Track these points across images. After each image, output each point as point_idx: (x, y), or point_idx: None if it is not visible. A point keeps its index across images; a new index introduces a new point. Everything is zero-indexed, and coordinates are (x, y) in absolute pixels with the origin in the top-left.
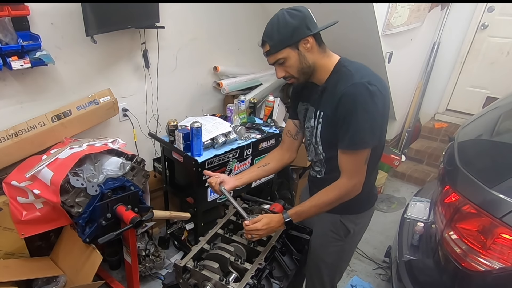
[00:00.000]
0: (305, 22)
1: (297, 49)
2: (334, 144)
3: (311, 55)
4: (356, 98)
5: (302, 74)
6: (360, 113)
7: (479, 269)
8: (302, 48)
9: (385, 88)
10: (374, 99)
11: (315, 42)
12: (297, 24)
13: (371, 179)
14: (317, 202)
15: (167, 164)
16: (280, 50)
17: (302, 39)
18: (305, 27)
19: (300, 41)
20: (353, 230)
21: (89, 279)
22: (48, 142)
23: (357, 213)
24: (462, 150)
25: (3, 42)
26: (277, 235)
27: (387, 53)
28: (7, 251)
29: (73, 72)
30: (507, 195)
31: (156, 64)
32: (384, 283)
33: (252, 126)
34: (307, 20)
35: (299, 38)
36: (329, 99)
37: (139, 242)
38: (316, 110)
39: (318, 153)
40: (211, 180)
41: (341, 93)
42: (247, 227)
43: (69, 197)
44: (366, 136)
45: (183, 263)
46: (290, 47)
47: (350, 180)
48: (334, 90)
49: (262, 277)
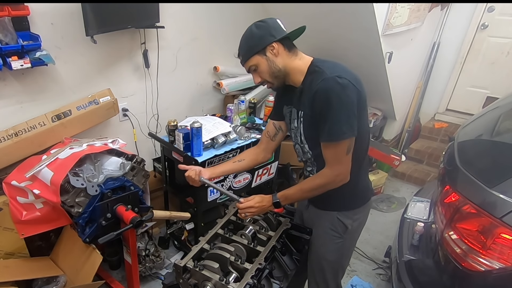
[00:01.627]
0: (269, 31)
1: (265, 55)
2: (318, 141)
3: (279, 59)
4: (329, 92)
5: (275, 78)
6: (334, 105)
7: (479, 269)
8: (269, 54)
9: (357, 81)
10: (346, 91)
11: (282, 47)
12: (261, 34)
13: (361, 173)
14: (302, 186)
15: (167, 164)
16: (250, 58)
17: (267, 46)
18: (269, 35)
19: (266, 48)
20: (350, 226)
21: (89, 279)
22: (48, 142)
23: (353, 208)
24: (462, 150)
25: (3, 42)
26: (277, 235)
27: (387, 53)
28: (7, 251)
29: (73, 72)
30: (507, 195)
31: (156, 64)
32: (384, 283)
33: (252, 126)
34: (271, 29)
35: (264, 45)
36: (306, 98)
37: (139, 242)
38: (297, 111)
39: (305, 151)
40: (189, 173)
41: (314, 90)
42: (242, 205)
43: (69, 197)
44: (343, 127)
45: (183, 263)
46: (258, 54)
47: (333, 170)
48: (309, 89)
49: (262, 277)
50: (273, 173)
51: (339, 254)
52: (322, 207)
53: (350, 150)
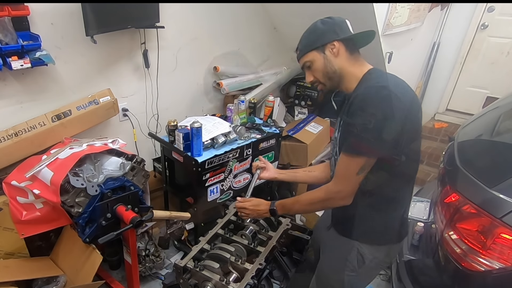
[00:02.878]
0: (334, 28)
1: (323, 53)
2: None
3: (337, 60)
4: (365, 100)
5: (328, 79)
6: (364, 116)
7: (479, 269)
8: (329, 52)
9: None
10: (385, 103)
11: (343, 47)
12: (325, 29)
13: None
14: (300, 198)
15: (167, 164)
16: (307, 53)
17: (328, 43)
18: (333, 32)
19: (327, 45)
20: (369, 262)
21: (89, 279)
22: (48, 142)
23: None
24: (462, 150)
25: (3, 42)
26: (278, 235)
27: (387, 53)
28: (7, 251)
29: (73, 72)
30: (507, 195)
31: (156, 64)
32: (384, 283)
33: (252, 126)
34: (336, 26)
35: (324, 42)
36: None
37: (139, 242)
38: (340, 120)
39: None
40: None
41: (354, 96)
42: (238, 204)
43: (69, 197)
44: (365, 141)
45: (184, 263)
46: (316, 50)
47: (336, 185)
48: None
49: (262, 277)
50: None
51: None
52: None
53: (363, 171)
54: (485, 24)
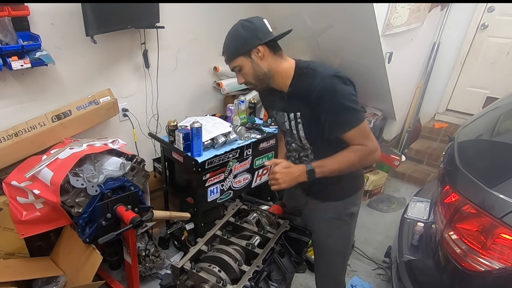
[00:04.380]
0: (255, 33)
1: (250, 57)
2: (321, 137)
3: (264, 62)
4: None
5: (258, 80)
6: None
7: (479, 269)
8: (255, 56)
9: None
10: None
11: (268, 50)
12: (247, 35)
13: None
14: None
15: (167, 164)
16: (234, 59)
17: (253, 49)
18: (255, 38)
19: (252, 50)
20: (355, 211)
21: (89, 279)
22: (48, 142)
23: (354, 193)
24: (462, 150)
25: (3, 42)
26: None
27: (387, 53)
28: (7, 251)
29: (73, 72)
30: (507, 195)
31: (156, 64)
32: (384, 283)
33: (252, 126)
34: (258, 31)
35: (249, 47)
36: (301, 100)
37: (139, 242)
38: (288, 114)
39: (305, 148)
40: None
41: (316, 90)
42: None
43: (69, 197)
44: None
45: (181, 265)
46: (243, 56)
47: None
48: (303, 91)
49: (260, 279)
50: None
51: (346, 241)
52: (327, 199)
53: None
54: (485, 24)
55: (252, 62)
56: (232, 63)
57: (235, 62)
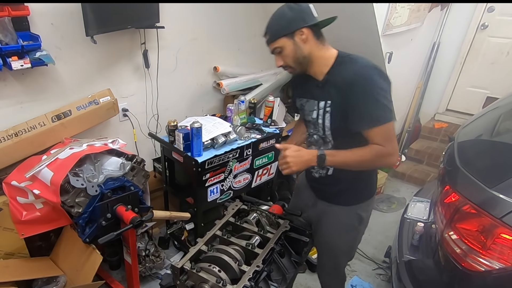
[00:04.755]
0: (301, 15)
1: (293, 39)
2: (345, 130)
3: (307, 46)
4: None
5: (298, 64)
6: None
7: (479, 269)
8: (298, 38)
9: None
10: (384, 78)
11: (311, 34)
12: (293, 16)
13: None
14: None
15: (167, 164)
16: (277, 40)
17: (297, 30)
18: (301, 19)
19: (296, 32)
20: (366, 217)
21: (89, 279)
22: (48, 142)
23: (367, 199)
24: (462, 150)
25: (3, 42)
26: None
27: (387, 53)
28: (7, 251)
29: (73, 72)
30: (507, 195)
31: (156, 64)
32: (384, 283)
33: (252, 126)
34: (304, 13)
35: (294, 28)
36: (335, 87)
37: (139, 242)
38: (318, 102)
39: (327, 141)
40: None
41: (352, 76)
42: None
43: (69, 197)
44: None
45: (180, 265)
46: (286, 37)
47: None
48: (339, 79)
49: (260, 279)
50: (273, 173)
51: (353, 243)
52: (340, 203)
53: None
54: (485, 24)
55: (294, 44)
56: (273, 44)
57: (277, 42)
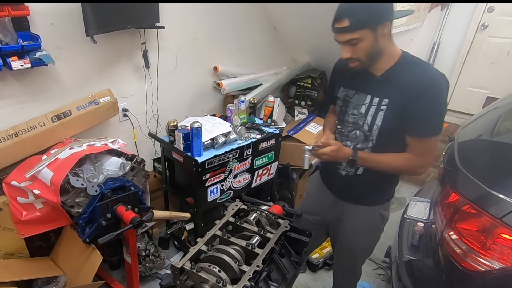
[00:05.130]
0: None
1: (375, 32)
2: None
3: (384, 41)
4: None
5: (369, 58)
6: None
7: (479, 269)
8: (380, 32)
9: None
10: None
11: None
12: (383, 7)
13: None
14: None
15: (167, 164)
16: (358, 30)
17: (383, 23)
18: (390, 11)
19: (381, 25)
20: (387, 216)
21: (89, 279)
22: (48, 142)
23: (389, 199)
24: (462, 150)
25: (3, 42)
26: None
27: None
28: (7, 251)
29: (73, 72)
30: (507, 195)
31: (156, 64)
32: (384, 283)
33: (252, 126)
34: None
35: (381, 21)
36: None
37: (139, 242)
38: (372, 97)
39: (368, 140)
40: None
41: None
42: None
43: (69, 197)
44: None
45: (180, 265)
46: (370, 28)
47: (418, 158)
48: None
49: (260, 279)
50: (273, 173)
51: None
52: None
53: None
54: (485, 24)
55: (374, 37)
56: (352, 34)
57: (358, 33)
